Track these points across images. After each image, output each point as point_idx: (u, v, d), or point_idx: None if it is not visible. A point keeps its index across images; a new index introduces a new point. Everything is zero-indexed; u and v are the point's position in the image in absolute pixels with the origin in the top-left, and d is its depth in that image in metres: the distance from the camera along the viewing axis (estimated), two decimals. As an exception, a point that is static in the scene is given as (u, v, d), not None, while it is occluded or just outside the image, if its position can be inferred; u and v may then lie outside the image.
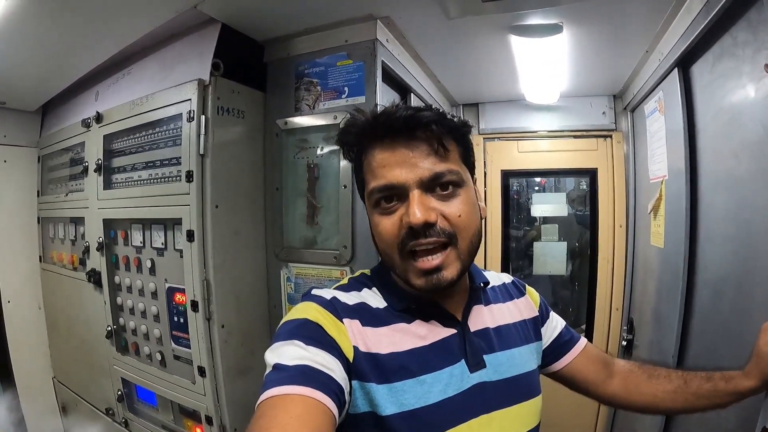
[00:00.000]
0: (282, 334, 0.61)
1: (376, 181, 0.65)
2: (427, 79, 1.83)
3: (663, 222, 1.55)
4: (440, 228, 0.63)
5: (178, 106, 1.34)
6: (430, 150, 0.64)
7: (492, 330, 0.75)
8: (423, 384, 0.64)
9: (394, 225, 0.65)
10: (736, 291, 1.07)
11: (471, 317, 0.74)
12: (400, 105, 0.66)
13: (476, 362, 0.69)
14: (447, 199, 0.65)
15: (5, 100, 1.87)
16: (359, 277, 0.77)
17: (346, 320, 0.65)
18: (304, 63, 1.40)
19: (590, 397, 0.89)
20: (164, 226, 1.43)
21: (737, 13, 1.00)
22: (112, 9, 1.20)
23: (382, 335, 0.66)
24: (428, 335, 0.69)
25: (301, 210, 1.42)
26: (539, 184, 2.52)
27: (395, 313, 0.69)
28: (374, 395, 0.61)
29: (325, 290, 0.70)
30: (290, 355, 0.57)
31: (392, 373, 0.63)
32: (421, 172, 0.63)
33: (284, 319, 0.65)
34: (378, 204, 0.66)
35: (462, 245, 0.65)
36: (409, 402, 0.62)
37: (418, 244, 0.63)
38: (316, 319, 0.63)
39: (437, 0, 1.18)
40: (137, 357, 1.59)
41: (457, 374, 0.67)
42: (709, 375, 0.79)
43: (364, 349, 0.63)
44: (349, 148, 0.72)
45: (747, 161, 1.03)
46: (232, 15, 1.31)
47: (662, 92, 1.51)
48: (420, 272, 0.64)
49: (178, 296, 1.39)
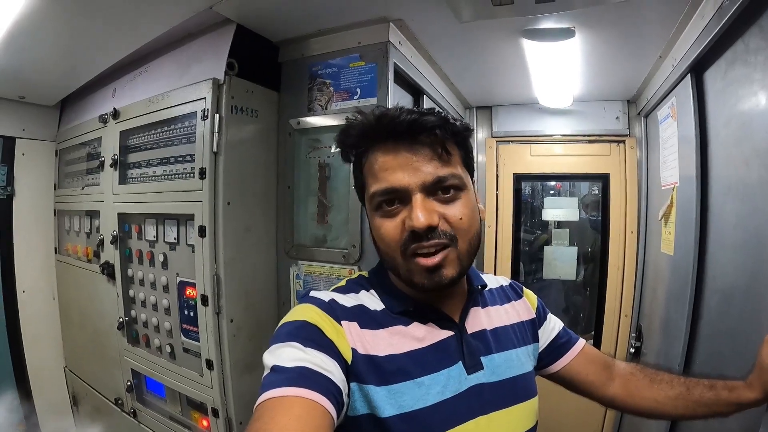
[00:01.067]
0: (280, 335, 0.62)
1: (379, 185, 0.65)
2: (440, 81, 1.84)
3: (673, 229, 1.53)
4: (441, 231, 0.64)
5: (193, 105, 1.37)
6: (433, 154, 0.64)
7: (489, 332, 0.76)
8: (421, 386, 0.64)
9: (397, 228, 0.65)
10: (745, 300, 1.06)
11: (468, 319, 0.75)
12: (403, 108, 0.65)
13: (473, 364, 0.70)
14: (448, 202, 0.66)
15: (25, 94, 1.92)
16: (357, 279, 0.78)
17: (344, 322, 0.65)
18: (318, 64, 1.42)
19: (590, 398, 0.89)
20: (177, 222, 1.45)
21: (750, 19, 0.99)
22: (130, 9, 1.23)
23: (380, 337, 0.66)
24: (426, 337, 0.69)
25: (312, 208, 1.44)
26: (553, 188, 2.50)
27: (393, 316, 0.70)
28: (373, 397, 0.61)
29: (324, 292, 0.70)
30: (289, 356, 0.58)
31: (391, 375, 0.63)
32: (423, 176, 0.64)
33: (282, 320, 0.66)
34: (380, 207, 0.67)
35: (462, 247, 0.66)
36: (407, 404, 0.62)
37: (420, 246, 0.64)
38: (314, 321, 0.63)
39: (449, 3, 1.19)
40: (147, 349, 1.62)
41: (454, 376, 0.67)
42: (712, 383, 0.78)
43: (363, 352, 0.64)
44: (349, 150, 0.71)
45: (758, 169, 1.02)
46: (247, 16, 1.33)
47: (675, 98, 1.50)
48: (423, 270, 0.64)
49: (189, 290, 1.42)
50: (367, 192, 0.69)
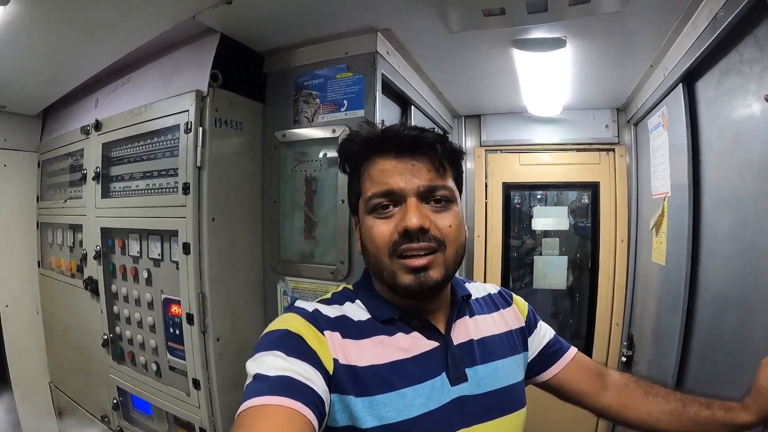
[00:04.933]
0: (264, 344, 0.62)
1: (377, 187, 0.69)
2: (429, 91, 1.82)
3: (665, 239, 1.53)
4: (432, 235, 0.67)
5: (177, 117, 1.33)
6: (431, 167, 0.69)
7: (476, 342, 0.76)
8: (404, 397, 0.65)
9: (389, 229, 0.68)
10: (737, 311, 1.06)
11: (454, 330, 0.75)
12: (407, 125, 0.71)
13: (458, 375, 0.70)
14: (439, 211, 0.70)
15: (6, 103, 1.87)
16: (342, 291, 0.79)
17: (327, 332, 0.66)
18: (304, 75, 1.39)
19: (582, 407, 0.88)
20: (161, 237, 1.42)
21: (744, 30, 0.99)
22: (113, 17, 1.20)
23: (363, 347, 0.67)
24: (411, 348, 0.70)
25: (299, 223, 1.40)
26: (541, 195, 2.49)
27: (378, 326, 0.71)
28: (353, 408, 0.62)
29: (308, 303, 0.72)
30: (271, 365, 0.58)
31: (372, 386, 0.64)
32: (419, 182, 0.68)
33: (267, 329, 0.67)
34: (375, 209, 0.70)
35: (449, 253, 0.69)
36: (390, 415, 0.63)
37: (410, 248, 0.66)
38: (297, 331, 0.64)
39: (438, 13, 1.17)
40: (133, 366, 1.58)
41: (438, 388, 0.68)
42: (708, 402, 0.78)
43: (344, 362, 0.64)
44: (351, 157, 0.75)
45: (751, 180, 1.01)
46: (231, 25, 1.30)
47: (666, 107, 1.49)
48: (408, 270, 0.66)
49: (174, 308, 1.38)
50: (363, 196, 0.72)
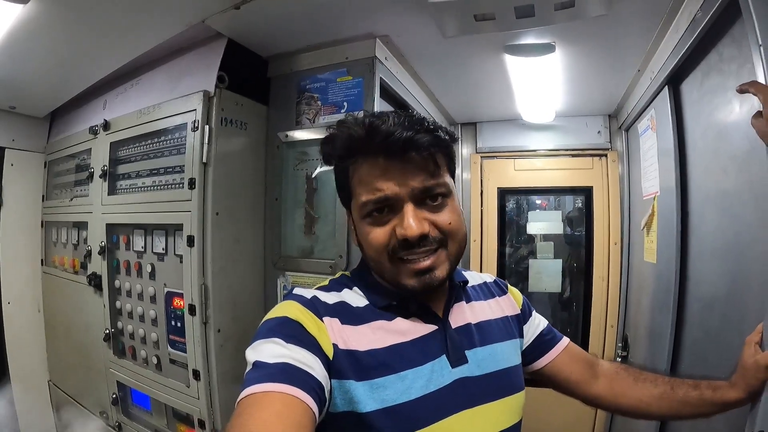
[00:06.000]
0: (262, 331, 0.62)
1: (371, 194, 0.66)
2: (426, 97, 1.88)
3: (656, 238, 1.56)
4: (432, 238, 0.67)
5: (184, 116, 1.39)
6: (424, 167, 0.66)
7: (473, 326, 0.76)
8: (404, 380, 0.64)
9: (386, 234, 0.67)
10: (726, 305, 1.07)
11: (452, 314, 0.76)
12: (394, 119, 0.65)
13: (458, 357, 0.70)
14: (437, 209, 0.68)
15: (16, 104, 1.92)
16: (340, 278, 0.78)
17: (326, 319, 0.66)
18: (306, 78, 1.45)
19: (574, 397, 0.89)
20: (165, 232, 1.46)
21: (722, 29, 1.02)
22: (123, 22, 1.25)
23: (362, 333, 0.67)
24: (409, 331, 0.70)
25: (300, 220, 1.45)
26: (537, 203, 2.53)
27: (376, 311, 0.70)
28: (353, 393, 0.62)
29: (306, 290, 0.71)
30: (270, 352, 0.58)
31: (372, 370, 0.63)
32: (414, 184, 0.65)
33: (265, 317, 0.66)
34: (369, 215, 0.68)
35: (452, 248, 0.69)
36: (390, 398, 0.62)
37: (411, 253, 0.66)
38: (296, 318, 0.63)
39: (434, 19, 1.22)
40: (133, 360, 1.61)
41: (438, 369, 0.67)
42: (696, 383, 0.80)
43: (343, 347, 0.64)
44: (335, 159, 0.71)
45: (735, 175, 1.04)
46: (238, 31, 1.36)
47: (654, 110, 1.54)
48: (412, 273, 0.66)
49: (177, 301, 1.42)
50: (355, 200, 0.70)
